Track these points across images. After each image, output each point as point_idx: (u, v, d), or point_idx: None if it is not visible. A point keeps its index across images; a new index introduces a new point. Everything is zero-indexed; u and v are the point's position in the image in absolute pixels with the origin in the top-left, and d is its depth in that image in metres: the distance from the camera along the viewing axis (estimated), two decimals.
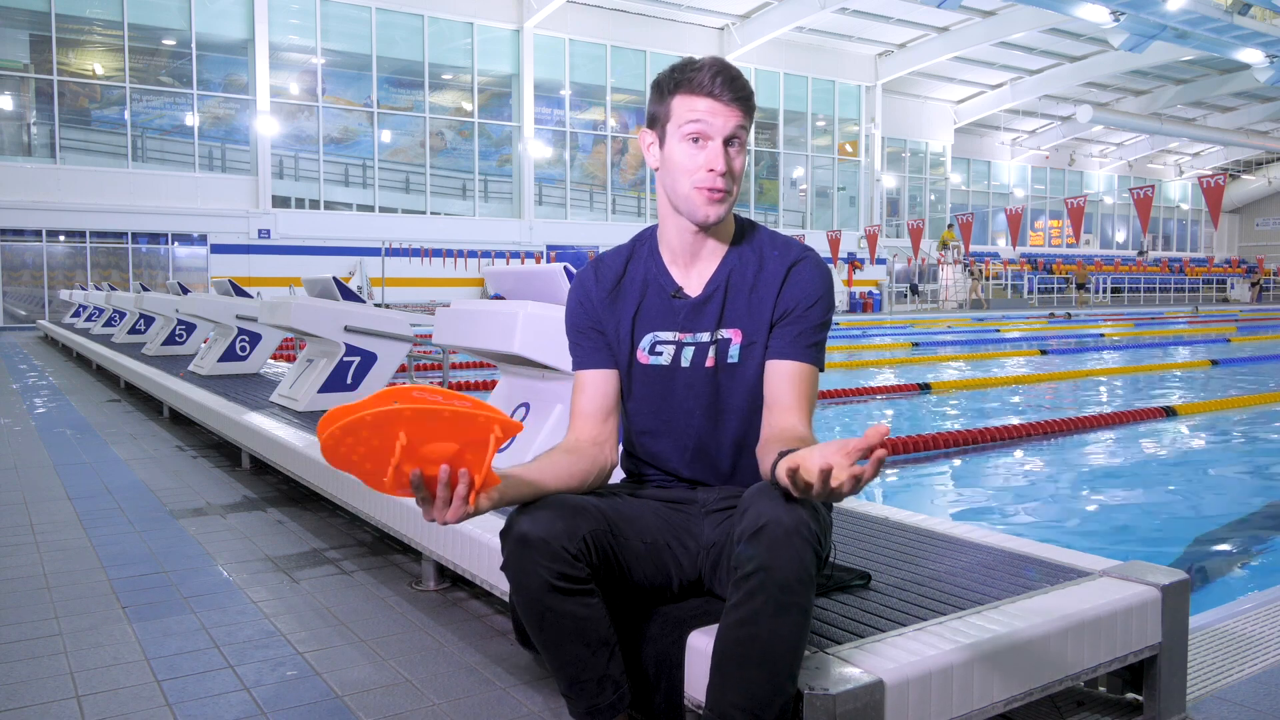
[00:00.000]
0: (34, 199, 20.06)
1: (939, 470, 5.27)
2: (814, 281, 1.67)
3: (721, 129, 1.58)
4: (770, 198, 30.81)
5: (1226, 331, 17.22)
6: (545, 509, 1.51)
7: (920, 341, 14.80)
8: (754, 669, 1.37)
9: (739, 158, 1.61)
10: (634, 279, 1.74)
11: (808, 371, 1.64)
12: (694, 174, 1.60)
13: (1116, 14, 21.77)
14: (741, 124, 1.60)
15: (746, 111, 1.60)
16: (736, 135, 1.60)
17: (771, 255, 1.69)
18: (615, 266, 1.77)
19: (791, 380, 1.63)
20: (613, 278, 1.76)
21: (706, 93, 1.57)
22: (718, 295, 1.68)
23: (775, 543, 1.37)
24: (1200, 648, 2.13)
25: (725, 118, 1.58)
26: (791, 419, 1.60)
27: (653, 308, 1.72)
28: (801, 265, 1.67)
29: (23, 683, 2.08)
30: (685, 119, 1.59)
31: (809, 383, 1.64)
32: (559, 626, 1.51)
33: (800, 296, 1.65)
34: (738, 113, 1.59)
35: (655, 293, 1.72)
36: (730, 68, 1.60)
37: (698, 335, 1.69)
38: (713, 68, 1.58)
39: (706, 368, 1.69)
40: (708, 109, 1.57)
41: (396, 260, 23.21)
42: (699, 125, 1.58)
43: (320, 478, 3.42)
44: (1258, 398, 7.72)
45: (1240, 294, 38.42)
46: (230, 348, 6.61)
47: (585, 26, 26.33)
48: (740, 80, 1.60)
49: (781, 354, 1.64)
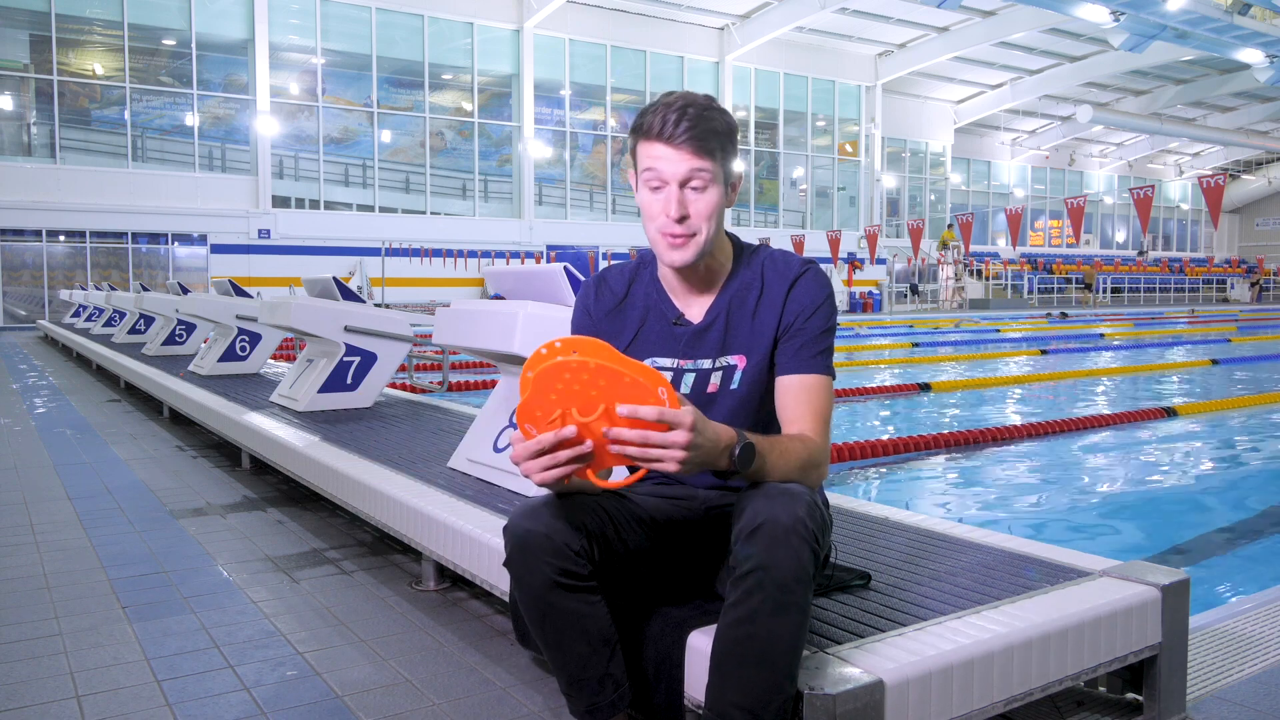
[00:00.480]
0: (34, 199, 20.05)
1: (939, 470, 5.27)
2: (812, 291, 1.66)
3: (674, 174, 1.56)
4: (770, 198, 30.80)
5: (1226, 331, 17.22)
6: (548, 506, 1.52)
7: (920, 341, 14.81)
8: (752, 668, 1.37)
9: (702, 199, 1.57)
10: (635, 303, 1.74)
11: (815, 381, 1.62)
12: (655, 220, 1.59)
13: (1116, 14, 21.78)
14: (698, 166, 1.55)
15: (705, 151, 1.55)
16: (694, 178, 1.56)
17: (772, 279, 1.68)
18: (617, 288, 1.77)
19: (798, 394, 1.61)
20: (613, 300, 1.76)
21: (658, 137, 1.55)
22: (719, 322, 1.67)
23: (773, 542, 1.37)
24: (1200, 648, 2.13)
25: (677, 162, 1.55)
26: (800, 430, 1.60)
27: (652, 333, 1.72)
28: (801, 279, 1.66)
29: (23, 683, 2.08)
30: (644, 167, 1.58)
31: (817, 393, 1.62)
32: (561, 624, 1.51)
33: (799, 309, 1.64)
34: (690, 155, 1.54)
35: (656, 318, 1.72)
36: (690, 105, 1.55)
37: (699, 362, 1.68)
38: (665, 110, 1.55)
39: (709, 393, 1.68)
40: (660, 155, 1.56)
41: (396, 260, 23.22)
42: (652, 173, 1.57)
43: (320, 478, 3.42)
44: (1258, 398, 7.72)
45: (1240, 294, 38.43)
46: (230, 348, 6.61)
47: (585, 26, 26.33)
48: (701, 116, 1.55)
49: (787, 369, 1.63)
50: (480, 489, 2.78)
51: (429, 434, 3.94)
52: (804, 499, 1.43)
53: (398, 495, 2.78)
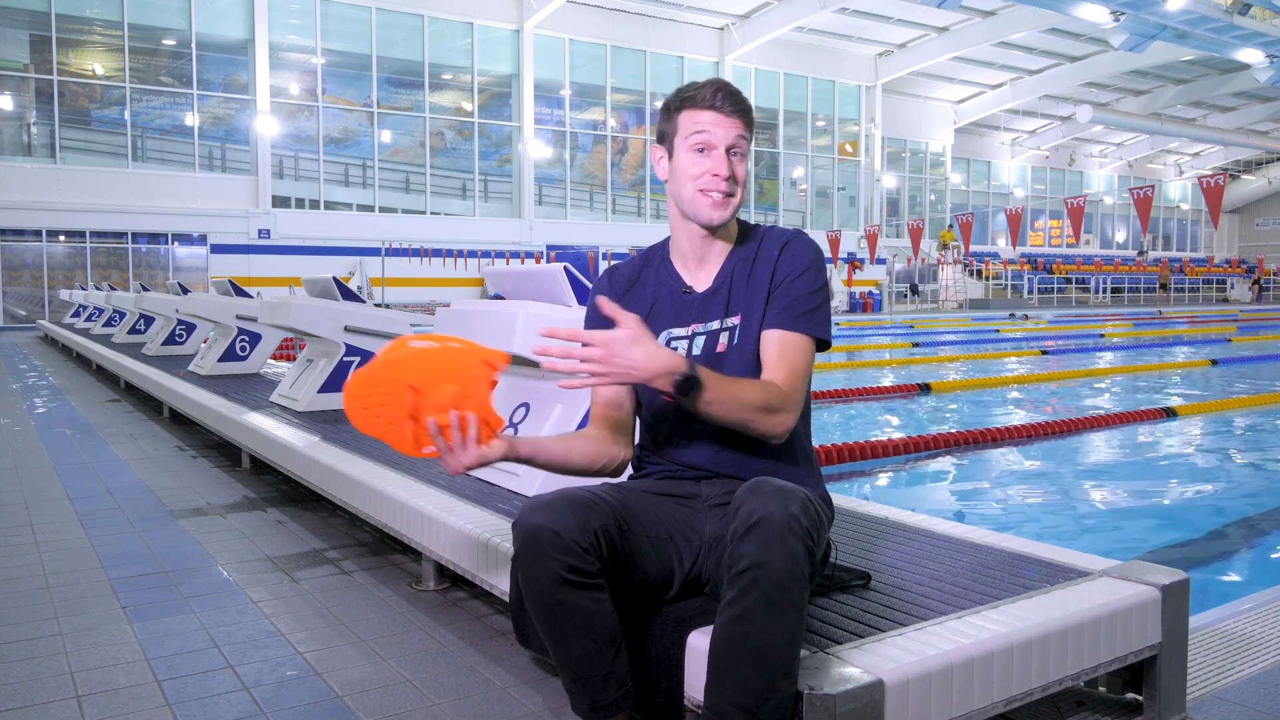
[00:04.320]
0: (34, 199, 20.05)
1: (939, 470, 5.27)
2: (800, 254, 1.77)
3: (724, 138, 1.71)
4: (770, 198, 30.80)
5: (1226, 331, 17.22)
6: (558, 502, 1.53)
7: (920, 342, 14.81)
8: (748, 666, 1.38)
9: (741, 165, 1.74)
10: (647, 283, 1.87)
11: (795, 339, 1.71)
12: (699, 179, 1.72)
13: (1116, 14, 21.79)
14: (742, 134, 1.73)
15: (747, 124, 1.74)
16: (737, 145, 1.72)
17: (768, 245, 1.80)
18: (629, 273, 1.90)
19: (777, 349, 1.70)
20: (626, 282, 1.88)
21: (709, 106, 1.71)
22: (724, 287, 1.78)
23: (768, 539, 1.38)
24: (1200, 648, 2.13)
25: (727, 128, 1.71)
26: (771, 379, 1.66)
27: (666, 306, 1.82)
28: (791, 244, 1.78)
29: (23, 683, 2.08)
30: (691, 130, 1.72)
31: (796, 349, 1.70)
32: (567, 620, 1.52)
33: (788, 270, 1.75)
34: (739, 123, 1.72)
35: (668, 293, 1.83)
36: (730, 85, 1.75)
37: (708, 325, 1.78)
38: (713, 85, 1.73)
39: (718, 353, 1.76)
40: (711, 120, 1.71)
41: (396, 260, 23.22)
42: (703, 136, 1.71)
43: (320, 478, 3.42)
44: (1258, 398, 7.72)
45: (1240, 294, 38.43)
46: (230, 348, 6.61)
47: (585, 26, 26.33)
48: (740, 96, 1.74)
49: (770, 324, 1.73)
50: (480, 489, 2.78)
51: None
52: (798, 496, 1.44)
53: (398, 495, 2.78)
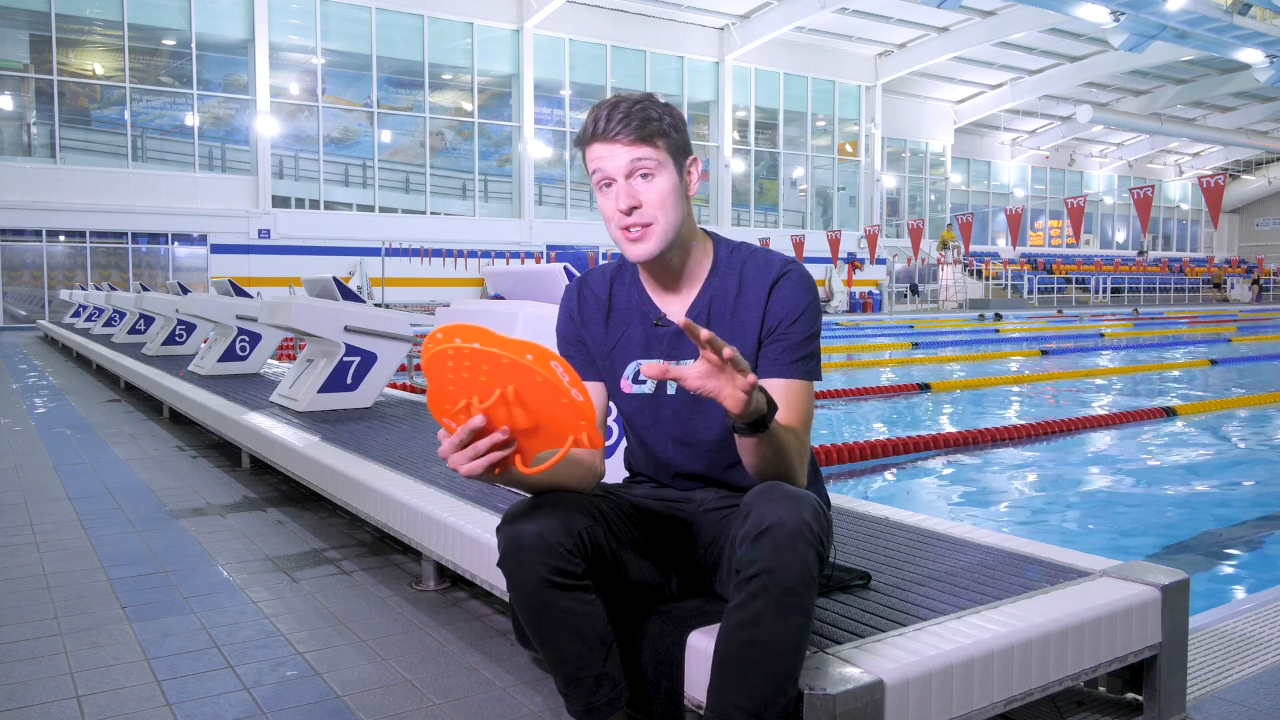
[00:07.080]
0: (34, 199, 20.06)
1: (939, 470, 5.27)
2: (796, 295, 1.63)
3: (619, 167, 1.56)
4: (770, 198, 30.79)
5: (1226, 331, 17.22)
6: (541, 505, 1.52)
7: (920, 341, 14.81)
8: (756, 670, 1.37)
9: (652, 187, 1.56)
10: (617, 305, 1.74)
11: (797, 387, 1.62)
12: (612, 219, 1.60)
13: (1116, 14, 21.79)
14: (638, 155, 1.55)
15: (643, 139, 1.55)
16: (639, 166, 1.56)
17: (752, 277, 1.66)
18: (600, 290, 1.76)
19: (782, 399, 1.59)
20: (595, 304, 1.75)
21: (594, 138, 1.58)
22: (700, 322, 1.65)
23: (779, 545, 1.38)
24: (1200, 648, 2.13)
25: (618, 154, 1.55)
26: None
27: (635, 336, 1.71)
28: (783, 281, 1.64)
29: (23, 683, 2.08)
30: (591, 170, 1.60)
31: (799, 397, 1.62)
32: (556, 623, 1.51)
33: (783, 313, 1.63)
34: (627, 145, 1.55)
35: (638, 321, 1.71)
36: (622, 101, 1.57)
37: (682, 363, 1.64)
38: (597, 110, 1.58)
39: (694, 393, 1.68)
40: (601, 152, 1.57)
41: (396, 260, 23.22)
42: (599, 173, 1.58)
43: (320, 478, 3.42)
44: (1258, 398, 7.72)
45: (1240, 294, 38.44)
46: (230, 348, 6.61)
47: (585, 26, 26.33)
48: (633, 109, 1.55)
49: (769, 373, 1.62)
50: (480, 489, 2.78)
51: (429, 434, 3.93)
52: (809, 502, 1.43)
53: (398, 495, 2.78)
